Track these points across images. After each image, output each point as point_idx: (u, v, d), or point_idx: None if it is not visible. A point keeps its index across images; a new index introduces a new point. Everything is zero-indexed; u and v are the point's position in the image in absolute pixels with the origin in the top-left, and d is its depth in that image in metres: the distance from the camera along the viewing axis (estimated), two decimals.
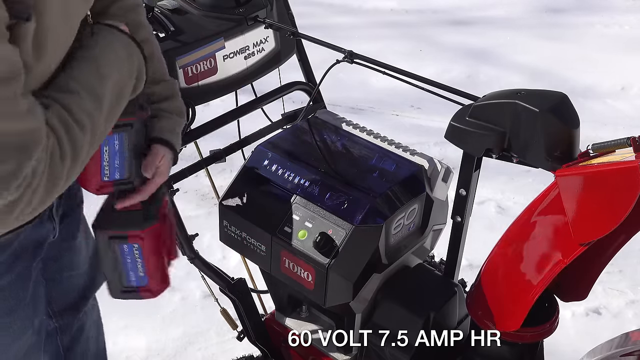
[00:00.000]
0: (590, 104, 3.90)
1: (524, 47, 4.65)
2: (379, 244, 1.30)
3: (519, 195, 3.03)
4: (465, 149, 1.28)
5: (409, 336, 1.38)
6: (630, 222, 1.11)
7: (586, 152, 1.15)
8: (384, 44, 4.54)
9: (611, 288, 2.52)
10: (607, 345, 1.35)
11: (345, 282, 1.29)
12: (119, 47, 1.10)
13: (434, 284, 1.47)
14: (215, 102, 1.71)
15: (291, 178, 1.40)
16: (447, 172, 1.41)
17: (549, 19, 5.25)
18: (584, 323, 2.36)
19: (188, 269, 2.45)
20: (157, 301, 2.41)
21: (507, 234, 1.28)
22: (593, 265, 1.28)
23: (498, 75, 4.23)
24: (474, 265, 2.51)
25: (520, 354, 1.35)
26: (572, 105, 1.19)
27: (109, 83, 1.05)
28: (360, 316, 1.42)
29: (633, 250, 2.64)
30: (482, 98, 1.25)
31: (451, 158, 2.97)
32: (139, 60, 1.13)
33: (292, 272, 1.34)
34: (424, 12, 5.36)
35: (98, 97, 1.02)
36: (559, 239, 1.16)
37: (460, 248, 1.42)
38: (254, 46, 1.65)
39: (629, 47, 4.70)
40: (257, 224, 1.38)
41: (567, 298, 1.34)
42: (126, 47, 1.11)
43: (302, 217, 1.33)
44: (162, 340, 2.28)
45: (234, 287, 1.72)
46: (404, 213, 1.34)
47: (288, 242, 1.32)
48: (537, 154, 1.17)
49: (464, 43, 4.73)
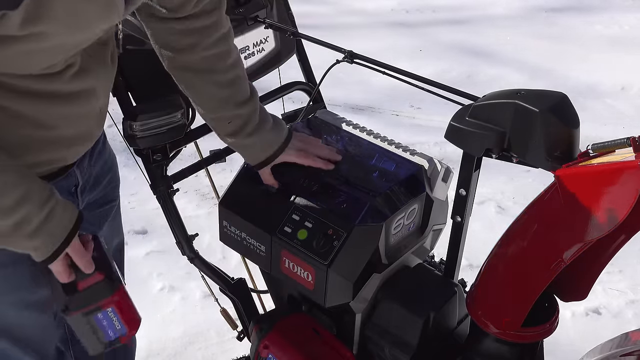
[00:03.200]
0: (590, 104, 3.90)
1: (524, 46, 4.66)
2: (379, 244, 1.30)
3: (519, 195, 3.03)
4: (465, 149, 1.28)
5: (409, 336, 1.38)
6: (630, 222, 1.11)
7: (586, 152, 1.15)
8: (384, 43, 4.54)
9: (611, 288, 2.52)
10: (607, 345, 1.35)
11: (345, 282, 1.29)
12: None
13: (434, 284, 1.47)
14: None
15: (291, 178, 1.40)
16: (447, 172, 1.41)
17: (549, 18, 5.25)
18: (584, 323, 2.36)
19: (188, 269, 2.47)
20: (157, 301, 2.43)
21: (507, 234, 1.28)
22: (593, 265, 1.28)
23: (498, 75, 4.24)
24: (474, 265, 2.51)
25: (520, 354, 1.35)
26: (572, 105, 1.19)
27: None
28: (360, 316, 1.42)
29: (633, 250, 2.64)
30: (482, 98, 1.25)
31: (451, 158, 2.98)
32: None
33: (292, 272, 1.34)
34: (424, 12, 5.36)
35: None
36: (559, 239, 1.16)
37: (460, 248, 1.42)
38: (254, 46, 1.65)
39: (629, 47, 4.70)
40: (257, 224, 1.38)
41: (567, 298, 1.34)
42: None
43: (302, 217, 1.33)
44: (162, 340, 2.28)
45: (234, 287, 1.72)
46: (403, 213, 1.34)
47: (288, 242, 1.32)
48: (537, 154, 1.17)
49: (464, 43, 4.73)
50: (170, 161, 1.62)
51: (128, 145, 1.57)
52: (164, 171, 1.62)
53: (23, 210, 1.01)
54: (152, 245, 2.70)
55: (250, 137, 1.36)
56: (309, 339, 1.46)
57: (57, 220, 1.06)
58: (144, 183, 1.66)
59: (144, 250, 2.67)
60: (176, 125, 1.51)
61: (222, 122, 1.36)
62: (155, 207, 1.96)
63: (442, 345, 1.44)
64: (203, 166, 1.70)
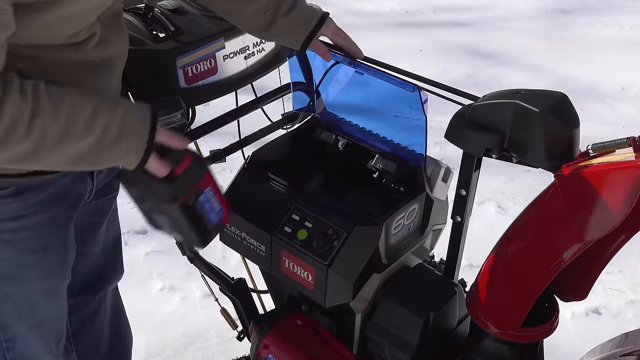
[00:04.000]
0: (590, 104, 3.90)
1: (524, 47, 4.66)
2: (379, 244, 1.30)
3: (519, 195, 3.03)
4: (465, 149, 1.28)
5: (409, 336, 1.38)
6: (630, 222, 1.11)
7: (586, 152, 1.15)
8: (384, 43, 4.54)
9: (611, 288, 2.52)
10: (607, 345, 1.35)
11: (345, 282, 1.29)
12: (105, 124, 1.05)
13: (434, 284, 1.47)
14: (215, 102, 1.71)
15: (291, 178, 1.40)
16: (447, 172, 1.41)
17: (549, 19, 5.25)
18: (584, 323, 2.36)
19: (188, 269, 2.48)
20: (157, 301, 2.43)
21: (507, 234, 1.28)
22: (593, 265, 1.28)
23: (498, 75, 4.23)
24: (474, 265, 2.51)
25: (520, 354, 1.35)
26: (572, 105, 1.19)
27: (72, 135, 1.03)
28: (360, 316, 1.42)
29: (633, 250, 2.63)
30: (482, 98, 1.25)
31: (451, 158, 2.97)
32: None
33: (292, 272, 1.34)
34: (424, 12, 5.36)
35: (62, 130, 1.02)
36: (558, 239, 1.16)
37: (460, 248, 1.42)
38: (254, 46, 1.65)
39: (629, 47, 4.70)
40: (257, 224, 1.38)
41: (567, 298, 1.34)
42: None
43: (302, 217, 1.33)
44: (162, 340, 2.28)
45: (234, 287, 1.72)
46: (403, 213, 1.34)
47: (288, 242, 1.32)
48: (537, 154, 1.17)
49: (464, 43, 4.73)
50: None
51: None
52: None
53: (100, 121, 1.03)
54: (152, 245, 2.70)
55: (287, 15, 1.37)
56: (309, 339, 1.46)
57: (134, 117, 1.07)
58: None
59: (144, 250, 2.67)
60: (176, 125, 1.51)
61: (258, 16, 1.37)
62: None
63: (442, 345, 1.44)
64: None
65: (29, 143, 0.99)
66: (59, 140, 1.01)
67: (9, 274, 1.27)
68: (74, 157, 1.04)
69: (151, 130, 1.07)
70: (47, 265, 1.29)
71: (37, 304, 1.34)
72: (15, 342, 1.35)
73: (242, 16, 1.40)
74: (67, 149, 1.02)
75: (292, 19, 1.39)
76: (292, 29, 1.40)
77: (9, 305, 1.30)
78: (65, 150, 1.02)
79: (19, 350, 1.36)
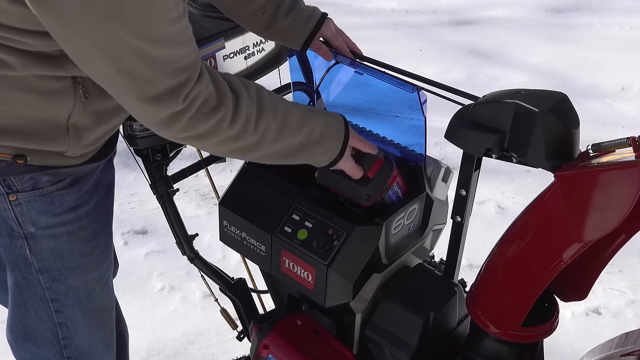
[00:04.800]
0: (590, 104, 3.90)
1: (524, 47, 4.66)
2: (379, 244, 1.30)
3: (519, 195, 3.03)
4: (465, 149, 1.28)
5: (409, 336, 1.38)
6: (630, 222, 1.11)
7: (586, 152, 1.15)
8: (384, 43, 4.54)
9: (611, 288, 2.52)
10: (607, 345, 1.36)
11: (345, 282, 1.29)
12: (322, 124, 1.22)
13: (434, 284, 1.47)
14: None
15: (291, 178, 1.40)
16: (447, 172, 1.41)
17: (549, 19, 5.25)
18: (584, 323, 2.36)
19: (188, 269, 2.48)
20: (157, 301, 2.43)
21: (507, 234, 1.28)
22: (593, 265, 1.28)
23: (498, 75, 4.24)
24: (474, 265, 2.51)
25: (520, 354, 1.35)
26: (572, 105, 1.19)
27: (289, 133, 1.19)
28: (360, 316, 1.42)
29: (633, 250, 2.64)
30: (482, 98, 1.25)
31: (451, 158, 2.98)
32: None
33: (292, 272, 1.34)
34: (424, 12, 5.36)
35: (280, 125, 1.17)
36: (558, 239, 1.16)
37: (460, 248, 1.42)
38: (254, 46, 1.66)
39: (629, 47, 4.70)
40: (256, 224, 1.38)
41: (567, 298, 1.34)
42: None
43: (302, 217, 1.33)
44: (162, 340, 2.28)
45: (234, 287, 1.72)
46: (403, 213, 1.34)
47: (288, 242, 1.32)
48: (537, 154, 1.17)
49: (464, 43, 4.73)
50: (170, 161, 1.62)
51: (128, 145, 1.57)
52: (164, 171, 1.62)
53: (308, 125, 1.20)
54: (152, 245, 2.70)
55: (288, 15, 1.40)
56: (309, 339, 1.46)
57: (333, 124, 1.24)
58: (144, 183, 1.66)
59: (144, 250, 2.67)
60: None
61: (257, 15, 1.39)
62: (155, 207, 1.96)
63: (442, 345, 1.44)
64: (203, 166, 1.70)
65: (255, 138, 1.14)
66: (275, 138, 1.16)
67: (70, 265, 1.29)
68: (282, 153, 1.20)
69: (345, 135, 1.24)
70: (99, 252, 1.34)
71: (94, 294, 1.37)
72: (73, 339, 1.36)
73: (242, 14, 1.41)
74: (279, 145, 1.18)
75: (293, 18, 1.40)
76: (293, 29, 1.41)
77: (71, 299, 1.32)
78: (277, 146, 1.18)
79: (76, 346, 1.37)
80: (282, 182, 1.40)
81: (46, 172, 1.18)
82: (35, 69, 1.07)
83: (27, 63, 1.06)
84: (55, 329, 1.34)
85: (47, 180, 1.20)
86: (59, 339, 1.35)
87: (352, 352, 1.46)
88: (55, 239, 1.25)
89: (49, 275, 1.28)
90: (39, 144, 1.14)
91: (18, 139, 1.12)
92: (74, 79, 1.12)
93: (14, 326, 1.35)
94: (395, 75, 1.35)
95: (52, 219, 1.23)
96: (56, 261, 1.27)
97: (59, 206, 1.23)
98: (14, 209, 1.20)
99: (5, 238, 1.24)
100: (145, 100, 1.02)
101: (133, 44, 0.95)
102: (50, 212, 1.22)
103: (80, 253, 1.30)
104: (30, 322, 1.33)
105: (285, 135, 1.18)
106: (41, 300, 1.30)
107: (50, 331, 1.34)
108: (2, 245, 1.26)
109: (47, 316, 1.32)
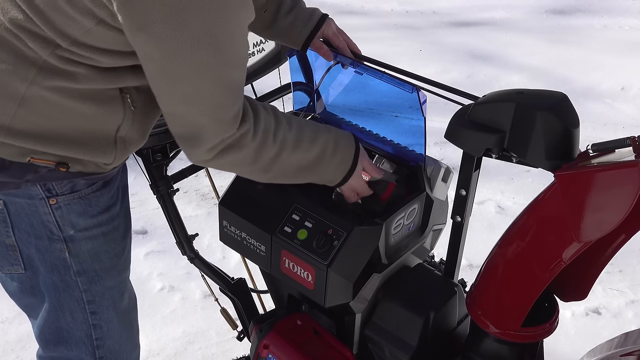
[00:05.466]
0: (590, 104, 3.90)
1: (524, 47, 4.66)
2: (379, 244, 1.30)
3: (519, 195, 3.03)
4: (465, 149, 1.28)
5: (409, 336, 1.38)
6: (630, 222, 1.11)
7: (586, 152, 1.15)
8: (384, 44, 4.55)
9: (611, 288, 2.52)
10: (607, 345, 1.36)
11: (345, 282, 1.29)
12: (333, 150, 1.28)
13: (434, 284, 1.47)
14: None
15: None
16: (447, 172, 1.41)
17: (549, 19, 5.25)
18: (584, 323, 2.36)
19: (188, 269, 2.48)
20: (157, 301, 2.43)
21: (507, 234, 1.28)
22: (593, 265, 1.28)
23: (498, 75, 4.24)
24: (474, 265, 2.51)
25: (520, 354, 1.35)
26: (572, 105, 1.19)
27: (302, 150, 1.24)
28: (360, 316, 1.42)
29: (633, 250, 2.65)
30: (482, 98, 1.25)
31: (451, 158, 2.98)
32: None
33: (292, 272, 1.34)
34: (425, 12, 5.37)
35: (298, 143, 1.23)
36: (558, 239, 1.16)
37: (460, 248, 1.42)
38: (254, 46, 1.65)
39: (629, 47, 4.71)
40: (256, 224, 1.38)
41: (567, 298, 1.34)
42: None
43: (302, 217, 1.33)
44: (162, 340, 2.28)
45: (234, 287, 1.72)
46: (403, 213, 1.34)
47: (288, 242, 1.32)
48: (537, 154, 1.17)
49: (464, 43, 4.74)
50: (170, 161, 1.62)
51: None
52: (164, 171, 1.62)
53: (321, 138, 1.25)
54: (152, 245, 2.70)
55: (288, 15, 1.41)
56: (309, 339, 1.46)
57: (343, 138, 1.29)
58: (144, 183, 1.66)
59: (144, 250, 2.67)
60: None
61: (258, 14, 1.37)
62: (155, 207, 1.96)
63: (442, 345, 1.44)
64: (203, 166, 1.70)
65: (275, 149, 1.18)
66: (292, 150, 1.21)
67: (106, 266, 1.31)
68: (299, 167, 1.25)
69: (357, 147, 1.30)
70: (128, 252, 1.37)
71: (125, 293, 1.39)
72: (105, 339, 1.37)
73: None
74: (296, 158, 1.23)
75: (294, 17, 1.40)
76: (294, 28, 1.41)
77: (106, 301, 1.34)
78: (295, 159, 1.23)
79: (108, 346, 1.39)
80: None
81: (83, 177, 1.20)
82: (98, 82, 1.11)
83: (92, 76, 1.10)
84: (89, 330, 1.35)
85: (84, 183, 1.22)
86: (92, 339, 1.36)
87: (352, 352, 1.46)
88: (93, 240, 1.27)
89: (87, 277, 1.29)
90: (86, 154, 1.16)
91: (66, 147, 1.14)
92: (120, 89, 1.15)
93: (47, 328, 1.35)
94: (395, 76, 1.35)
95: (89, 221, 1.25)
96: (93, 263, 1.29)
97: (95, 207, 1.25)
98: (54, 212, 1.21)
99: (45, 241, 1.24)
100: (220, 121, 1.10)
101: (218, 68, 1.05)
102: (87, 214, 1.24)
103: (115, 253, 1.32)
104: (65, 324, 1.33)
105: (302, 148, 1.23)
106: (78, 302, 1.31)
107: (84, 332, 1.35)
108: (39, 248, 1.25)
109: (82, 318, 1.33)
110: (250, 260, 1.50)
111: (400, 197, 1.34)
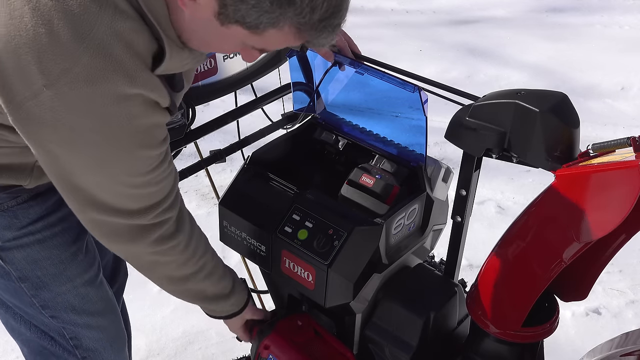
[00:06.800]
0: (590, 104, 3.90)
1: (524, 47, 4.66)
2: (379, 244, 1.30)
3: (519, 195, 3.03)
4: (465, 149, 1.28)
5: (409, 336, 1.38)
6: (630, 222, 1.11)
7: (586, 152, 1.15)
8: (384, 43, 4.54)
9: (611, 288, 2.52)
10: (607, 345, 1.35)
11: (345, 282, 1.29)
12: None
13: (434, 284, 1.47)
14: (215, 102, 1.71)
15: (291, 178, 1.40)
16: (447, 172, 1.41)
17: (549, 19, 5.25)
18: (584, 323, 2.36)
19: None
20: (157, 301, 2.43)
21: (507, 234, 1.28)
22: (593, 265, 1.28)
23: (498, 75, 4.24)
24: (474, 265, 2.51)
25: (520, 354, 1.35)
26: (572, 105, 1.19)
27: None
28: (361, 316, 1.42)
29: (633, 250, 2.64)
30: (482, 98, 1.25)
31: (451, 158, 2.98)
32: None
33: (292, 272, 1.34)
34: (425, 12, 5.36)
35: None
36: (559, 239, 1.16)
37: (460, 248, 1.42)
38: None
39: (628, 47, 4.70)
40: (257, 224, 1.38)
41: (567, 298, 1.34)
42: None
43: (303, 217, 1.33)
44: (162, 340, 2.28)
45: None
46: (404, 213, 1.34)
47: (288, 242, 1.32)
48: (537, 154, 1.17)
49: (464, 43, 4.73)
50: None
51: None
52: None
53: (227, 278, 1.37)
54: None
55: None
56: (309, 339, 1.46)
57: (238, 283, 1.41)
58: None
59: None
60: (176, 125, 1.51)
61: None
62: None
63: (442, 345, 1.44)
64: (203, 166, 1.70)
65: (194, 269, 1.27)
66: (206, 276, 1.30)
67: (51, 272, 1.30)
68: (201, 294, 1.35)
69: (247, 292, 1.44)
70: (84, 257, 1.35)
71: (89, 296, 1.38)
72: (81, 340, 1.40)
73: None
74: (204, 285, 1.32)
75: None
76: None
77: (62, 305, 1.35)
78: (202, 285, 1.32)
79: (87, 345, 1.41)
80: (282, 182, 1.40)
81: (4, 192, 1.20)
82: (13, 155, 1.15)
83: (6, 151, 1.13)
84: (61, 331, 1.37)
85: (6, 197, 1.20)
86: (67, 339, 1.38)
87: (353, 352, 1.46)
88: (27, 248, 1.26)
89: (31, 283, 1.29)
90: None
91: None
92: None
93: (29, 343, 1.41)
94: (396, 75, 1.35)
95: (17, 233, 1.24)
96: (34, 269, 1.28)
97: (23, 219, 1.24)
98: None
99: None
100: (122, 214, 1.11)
101: (118, 187, 1.07)
102: (14, 227, 1.24)
103: (60, 259, 1.31)
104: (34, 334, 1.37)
105: (214, 278, 1.32)
106: (32, 307, 1.32)
107: (56, 332, 1.37)
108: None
109: (46, 320, 1.34)
110: (250, 260, 1.50)
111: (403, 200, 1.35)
